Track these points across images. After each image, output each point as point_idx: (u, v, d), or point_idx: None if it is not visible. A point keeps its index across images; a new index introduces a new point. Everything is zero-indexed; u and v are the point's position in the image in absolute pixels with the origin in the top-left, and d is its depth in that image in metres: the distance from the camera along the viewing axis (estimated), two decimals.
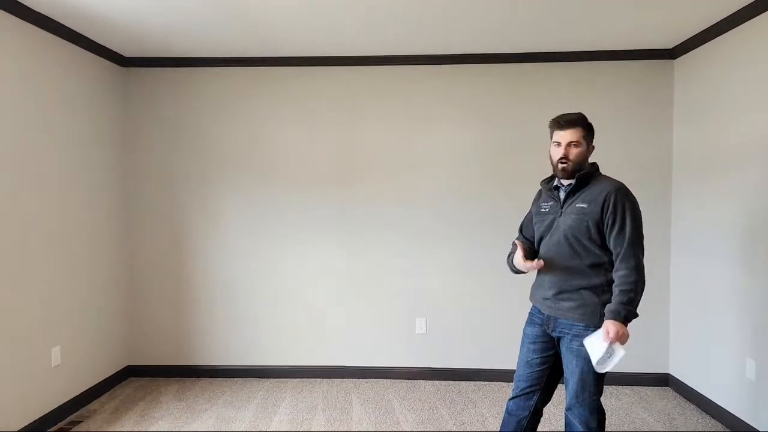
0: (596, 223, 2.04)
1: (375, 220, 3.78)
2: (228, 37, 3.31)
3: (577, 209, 2.09)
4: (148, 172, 3.84)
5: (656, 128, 3.62)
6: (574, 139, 2.09)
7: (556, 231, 2.14)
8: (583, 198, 2.10)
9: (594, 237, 2.05)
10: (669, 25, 3.13)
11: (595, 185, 2.10)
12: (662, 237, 3.63)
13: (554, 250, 2.15)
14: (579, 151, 2.10)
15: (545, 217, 2.23)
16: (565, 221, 2.12)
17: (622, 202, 2.02)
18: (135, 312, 3.88)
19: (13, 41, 2.80)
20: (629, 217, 2.01)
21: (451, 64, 3.70)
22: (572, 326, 2.09)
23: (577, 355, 2.07)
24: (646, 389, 3.61)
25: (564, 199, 2.16)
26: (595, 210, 2.04)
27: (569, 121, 2.11)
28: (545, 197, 2.29)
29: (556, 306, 2.13)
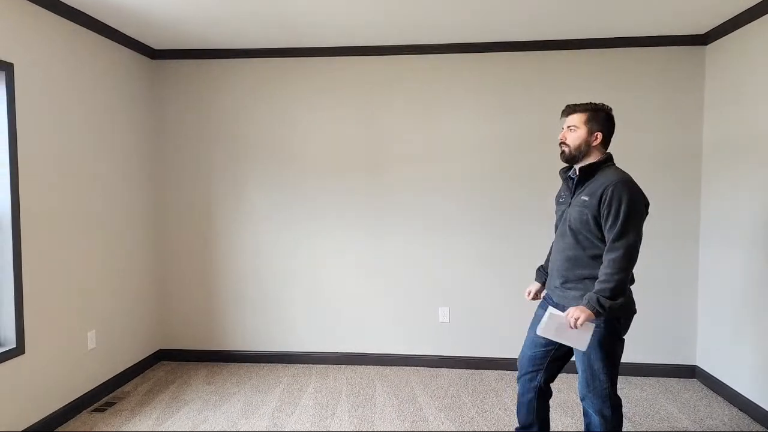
0: (594, 215, 2.05)
1: (400, 208, 3.81)
2: (255, 28, 3.36)
3: (581, 201, 2.11)
4: (179, 162, 3.93)
5: (686, 116, 3.55)
6: (573, 123, 2.13)
7: (565, 221, 2.19)
8: (587, 190, 2.11)
9: (593, 229, 2.07)
10: (701, 11, 3.06)
11: (600, 178, 2.10)
12: (691, 227, 3.58)
13: (561, 240, 2.21)
14: (576, 135, 2.12)
15: (560, 207, 2.29)
16: (571, 213, 2.16)
17: (618, 195, 1.99)
18: (166, 298, 4.00)
19: (54, 37, 2.90)
20: (623, 211, 1.98)
21: (476, 52, 3.68)
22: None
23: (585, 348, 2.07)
24: (672, 381, 3.58)
25: (573, 190, 2.19)
26: (594, 203, 2.05)
27: (570, 106, 2.16)
28: (563, 187, 2.32)
29: (563, 295, 2.18)
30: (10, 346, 2.67)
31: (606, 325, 2.07)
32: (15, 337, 2.68)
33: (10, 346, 2.67)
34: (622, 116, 3.56)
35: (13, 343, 2.67)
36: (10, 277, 2.65)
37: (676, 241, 3.59)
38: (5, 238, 2.65)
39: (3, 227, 2.64)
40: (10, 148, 2.62)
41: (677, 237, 3.59)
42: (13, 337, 2.68)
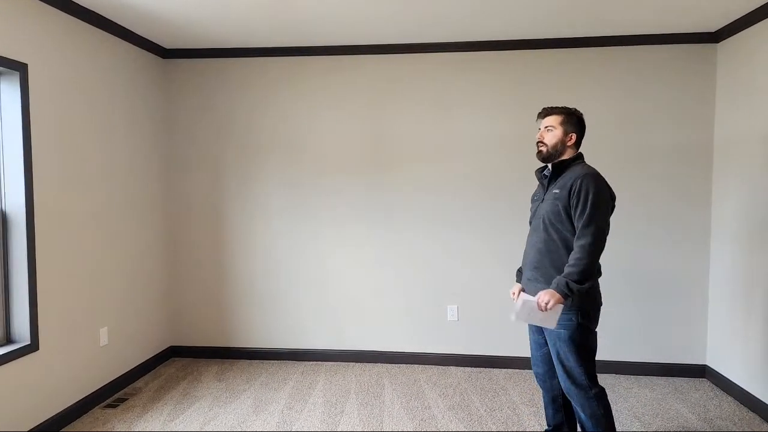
0: (565, 206, 2.16)
1: (408, 206, 3.82)
2: (265, 28, 3.37)
3: (553, 195, 2.22)
4: (189, 159, 3.96)
5: (697, 114, 3.53)
6: (549, 124, 2.27)
7: (537, 216, 2.31)
8: (558, 184, 2.23)
9: (564, 220, 2.17)
10: (712, 8, 3.04)
11: (570, 173, 2.21)
12: (702, 224, 3.56)
13: (534, 234, 2.32)
14: (552, 134, 2.25)
15: (534, 203, 2.41)
16: (543, 207, 2.27)
17: (586, 186, 2.10)
18: (177, 295, 4.03)
19: (67, 38, 2.93)
20: (590, 200, 2.08)
21: (483, 50, 3.67)
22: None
23: (556, 339, 2.19)
24: (682, 380, 3.56)
25: (546, 186, 2.31)
26: (564, 194, 2.16)
27: (546, 109, 2.32)
28: (538, 186, 2.45)
29: (535, 288, 2.24)
30: (24, 342, 2.71)
31: (576, 321, 2.14)
32: (29, 334, 2.71)
33: (25, 342, 2.71)
34: (635, 113, 3.56)
35: (27, 340, 2.71)
36: (24, 275, 2.69)
37: (687, 240, 3.57)
38: (19, 235, 2.68)
39: (17, 225, 2.68)
40: (24, 146, 2.66)
41: (688, 235, 3.57)
42: (27, 333, 2.72)
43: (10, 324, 2.72)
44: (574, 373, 2.17)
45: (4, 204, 2.68)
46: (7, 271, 2.70)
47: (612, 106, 3.59)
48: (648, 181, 3.57)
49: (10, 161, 2.65)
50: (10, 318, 2.72)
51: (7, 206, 2.68)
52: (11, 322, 2.72)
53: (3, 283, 2.69)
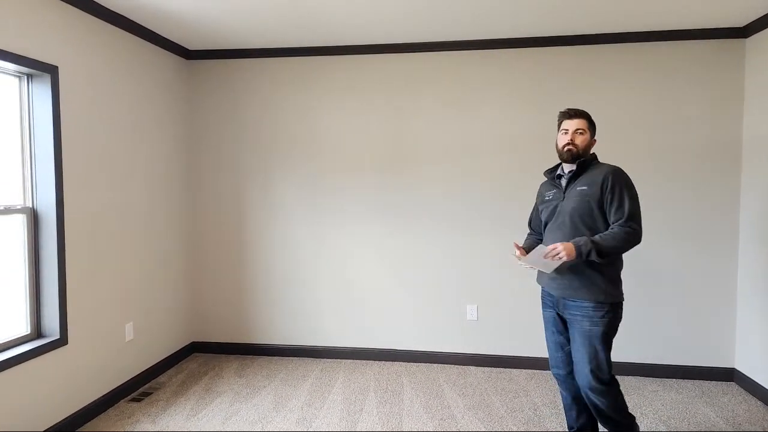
0: (597, 201, 2.20)
1: (429, 205, 3.81)
2: (285, 28, 3.41)
3: (579, 192, 2.25)
4: (212, 159, 4.03)
5: (726, 110, 3.44)
6: (580, 127, 2.30)
7: (560, 214, 2.31)
8: (584, 182, 2.27)
9: (596, 215, 2.21)
10: (740, 3, 2.96)
11: (594, 170, 2.28)
12: (730, 224, 3.46)
13: (560, 232, 2.29)
14: (583, 137, 2.30)
15: (549, 204, 2.41)
16: (568, 204, 2.28)
17: (619, 182, 2.18)
18: (199, 291, 4.11)
19: (95, 40, 3.01)
20: (627, 195, 2.17)
21: (502, 48, 3.65)
22: (581, 306, 2.22)
23: (588, 336, 2.19)
24: (710, 383, 3.48)
25: (566, 186, 2.34)
26: (596, 190, 2.20)
27: (577, 112, 2.33)
28: (548, 187, 2.47)
29: (563, 287, 2.27)
30: (54, 337, 2.79)
31: (611, 316, 2.19)
32: (59, 329, 2.80)
33: (54, 337, 2.79)
34: (659, 111, 3.49)
35: (57, 335, 2.80)
36: (54, 271, 2.77)
37: (714, 240, 3.48)
38: (50, 233, 2.77)
39: (47, 223, 2.76)
40: (55, 147, 2.74)
41: (716, 235, 3.48)
42: (57, 328, 2.80)
43: (41, 319, 2.81)
44: (603, 369, 2.19)
45: (36, 202, 2.76)
46: (38, 268, 2.78)
47: (635, 105, 3.52)
48: (673, 181, 3.50)
49: (41, 161, 2.74)
50: (40, 313, 2.80)
51: (39, 205, 2.76)
52: (42, 317, 2.81)
53: (34, 279, 2.78)
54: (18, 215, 2.71)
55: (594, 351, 2.18)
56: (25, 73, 2.70)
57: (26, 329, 2.77)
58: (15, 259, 2.73)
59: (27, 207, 2.74)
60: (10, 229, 2.69)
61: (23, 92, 2.72)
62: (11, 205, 2.68)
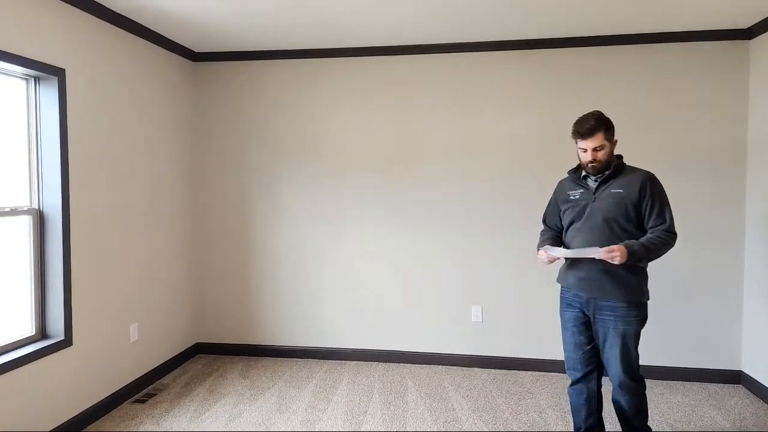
0: (634, 205, 2.24)
1: (432, 205, 3.81)
2: (292, 31, 3.43)
3: (613, 194, 2.27)
4: (217, 160, 4.05)
5: (730, 112, 3.43)
6: (598, 144, 2.27)
7: (591, 215, 2.31)
8: (618, 184, 2.28)
9: (631, 218, 2.25)
10: (744, 5, 2.96)
11: (629, 174, 2.31)
12: (736, 225, 3.45)
13: (591, 233, 2.29)
14: (604, 152, 2.28)
15: (576, 204, 2.38)
16: (600, 206, 2.28)
17: (658, 189, 2.27)
18: (203, 292, 4.12)
19: (101, 43, 3.03)
20: (665, 203, 2.26)
21: (503, 50, 3.66)
22: (614, 306, 2.24)
23: (622, 335, 2.23)
24: (717, 386, 3.45)
25: (597, 187, 2.33)
26: (633, 193, 2.23)
27: (589, 130, 2.26)
28: (571, 186, 2.45)
29: (594, 288, 2.27)
30: (58, 338, 2.80)
31: (641, 315, 2.26)
32: (63, 330, 2.81)
33: (59, 338, 2.80)
34: (664, 112, 3.49)
35: (61, 335, 2.80)
36: (59, 272, 2.78)
37: (721, 241, 3.46)
38: (55, 233, 2.78)
39: (53, 224, 2.77)
40: (62, 148, 2.75)
41: (721, 236, 3.46)
42: (61, 329, 2.81)
43: (46, 320, 2.82)
44: (634, 367, 2.26)
45: (42, 204, 2.78)
46: (43, 269, 2.80)
47: (639, 105, 3.52)
48: (678, 181, 3.48)
49: (47, 163, 2.75)
50: (45, 314, 2.81)
51: (45, 206, 2.77)
52: (46, 318, 2.82)
53: (39, 280, 2.79)
54: (24, 216, 2.72)
55: (627, 349, 2.23)
56: (32, 76, 2.71)
57: (31, 330, 2.78)
58: (21, 260, 2.74)
59: (33, 208, 2.76)
60: (16, 231, 2.70)
61: (30, 94, 2.74)
62: (18, 206, 2.69)
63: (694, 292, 3.50)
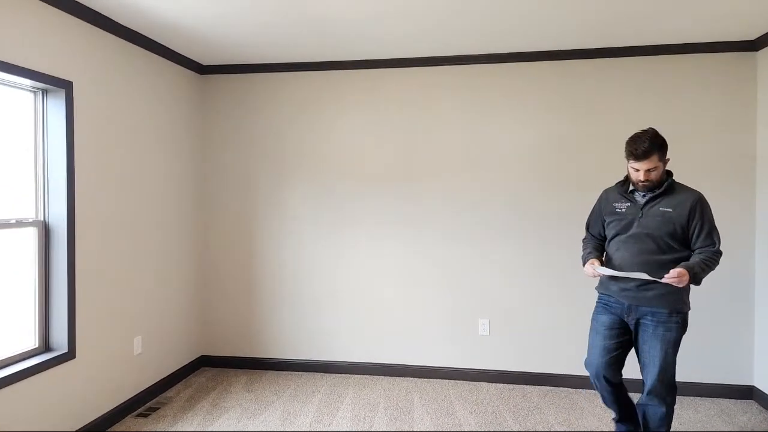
0: (682, 225, 2.32)
1: (438, 217, 3.79)
2: (299, 44, 3.44)
3: (662, 212, 2.34)
4: (223, 173, 4.05)
5: (739, 122, 3.41)
6: (652, 166, 2.30)
7: (638, 230, 2.38)
8: (667, 203, 2.34)
9: (679, 237, 2.33)
10: (749, 17, 2.95)
11: (679, 193, 2.37)
12: (746, 238, 3.41)
13: (636, 247, 2.38)
14: (657, 172, 2.33)
15: (622, 216, 2.45)
16: (647, 222, 2.36)
17: (707, 211, 2.34)
18: (208, 305, 4.10)
19: (109, 55, 3.05)
20: (713, 225, 2.34)
21: (517, 61, 3.65)
22: (656, 313, 2.33)
23: (661, 340, 2.32)
24: (728, 401, 3.39)
25: (645, 203, 2.39)
26: (683, 214, 2.31)
27: (645, 152, 2.28)
28: (617, 198, 2.50)
29: (639, 295, 2.35)
30: (61, 350, 2.78)
31: (682, 323, 2.35)
32: (66, 342, 2.79)
33: (62, 350, 2.78)
34: (673, 124, 3.47)
35: (64, 348, 2.78)
36: (64, 284, 2.77)
37: (730, 253, 3.40)
38: (60, 245, 2.77)
39: (59, 236, 2.77)
40: (68, 161, 2.76)
41: (732, 248, 3.40)
42: (65, 341, 2.79)
43: (49, 332, 2.80)
44: (671, 372, 2.34)
45: (48, 216, 2.77)
46: (47, 280, 2.78)
47: (649, 117, 3.50)
48: None
49: (54, 174, 2.75)
50: (49, 326, 2.80)
51: (50, 218, 2.77)
52: (50, 330, 2.80)
53: (44, 291, 2.78)
54: (30, 228, 2.72)
55: (666, 354, 2.32)
56: (40, 88, 2.73)
57: (34, 343, 2.76)
58: (25, 272, 2.73)
59: (39, 220, 2.75)
60: (21, 242, 2.70)
61: (38, 107, 2.75)
62: (23, 218, 2.69)
63: (705, 307, 3.44)
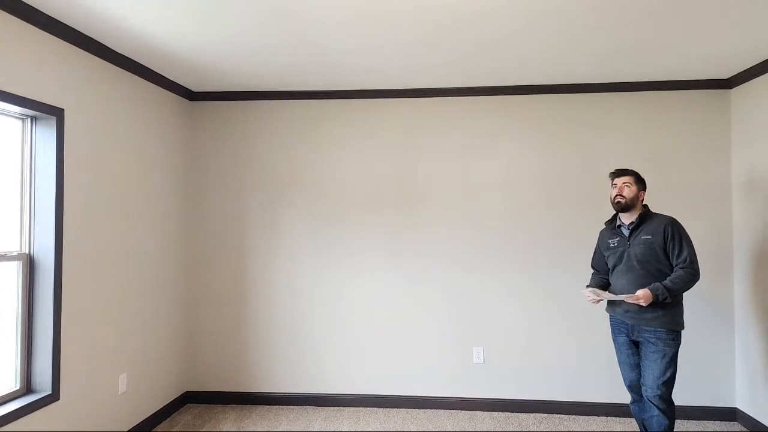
0: (662, 248, 2.66)
1: (432, 246, 3.80)
2: (292, 73, 3.43)
3: (644, 240, 2.69)
4: (213, 201, 3.95)
5: (715, 156, 3.60)
6: (626, 181, 2.76)
7: (629, 259, 2.73)
8: (646, 231, 2.70)
9: (662, 259, 2.66)
10: (724, 59, 3.17)
11: (653, 221, 2.73)
12: (724, 263, 3.57)
13: (630, 273, 2.72)
14: (630, 190, 2.73)
15: (615, 250, 2.81)
16: (635, 251, 2.71)
17: (678, 231, 2.67)
18: (194, 338, 3.94)
19: (100, 81, 2.96)
20: (685, 242, 2.65)
21: (509, 95, 3.76)
22: (655, 331, 2.64)
23: (661, 356, 2.61)
24: (713, 424, 3.50)
25: (629, 235, 2.75)
26: (659, 239, 2.66)
27: (622, 170, 2.82)
28: (609, 235, 2.88)
29: (639, 317, 2.68)
30: (45, 392, 2.61)
31: (676, 340, 2.63)
32: (51, 383, 2.62)
33: (46, 392, 2.61)
34: (651, 157, 3.63)
35: (48, 389, 2.62)
36: (49, 321, 2.62)
37: (710, 278, 3.56)
38: (46, 280, 2.62)
39: (44, 270, 2.62)
40: (57, 191, 2.63)
41: (711, 273, 3.56)
42: (48, 382, 2.62)
43: (32, 372, 2.63)
44: (669, 383, 2.61)
45: (33, 249, 2.62)
46: (31, 317, 2.62)
47: (632, 148, 3.66)
48: None
49: (41, 205, 2.62)
50: (32, 366, 2.62)
51: (36, 251, 2.62)
52: (33, 370, 2.63)
53: (27, 329, 2.61)
54: (14, 262, 2.56)
55: (663, 367, 2.60)
56: (29, 116, 2.61)
57: (15, 384, 2.58)
58: (7, 309, 2.56)
59: (23, 253, 2.60)
60: (4, 277, 2.53)
61: (26, 134, 2.62)
62: (7, 251, 2.54)
63: (687, 332, 3.56)
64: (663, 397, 2.61)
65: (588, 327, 3.66)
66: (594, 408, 3.63)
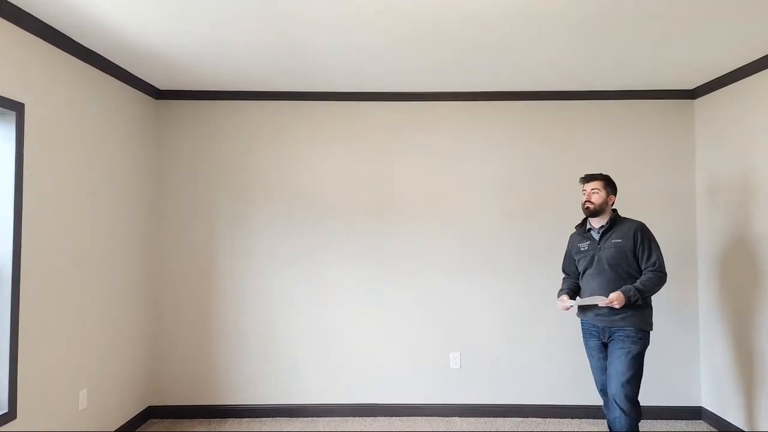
0: (632, 251, 2.74)
1: (407, 252, 3.77)
2: (264, 72, 3.32)
3: (614, 244, 2.76)
4: (180, 204, 3.77)
5: (679, 163, 3.75)
6: (594, 187, 2.80)
7: (600, 263, 2.78)
8: (616, 235, 2.77)
9: (631, 262, 2.74)
10: (689, 70, 3.31)
11: (623, 225, 2.80)
12: (689, 268, 3.71)
13: (600, 276, 2.77)
14: (598, 196, 2.79)
15: (586, 254, 2.85)
16: (605, 254, 2.77)
17: (647, 235, 2.76)
18: (158, 350, 3.74)
19: (62, 75, 2.77)
20: (653, 246, 2.75)
21: (481, 100, 3.79)
22: (624, 330, 2.69)
23: (626, 354, 2.66)
24: (680, 423, 3.62)
25: (599, 238, 2.80)
26: (629, 243, 2.74)
27: (590, 176, 2.86)
28: (579, 239, 2.93)
29: (609, 318, 2.72)
30: (2, 410, 2.40)
31: (644, 339, 2.69)
32: (8, 401, 2.41)
33: (2, 410, 2.41)
34: (620, 163, 3.74)
35: (5, 408, 2.41)
36: (6, 335, 2.41)
37: (676, 282, 3.68)
38: (3, 291, 2.41)
39: (2, 282, 2.41)
40: (16, 193, 2.43)
41: (676, 277, 3.67)
42: (5, 400, 2.42)
43: None
44: (633, 383, 2.65)
45: None
46: None
47: (602, 154, 3.76)
48: None
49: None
50: None
51: None
52: None
53: None
54: None
55: (628, 365, 2.64)
56: None
57: None
58: None
59: None
60: None
61: None
62: None
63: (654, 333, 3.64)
64: (627, 395, 2.64)
65: (562, 331, 3.72)
66: (568, 411, 3.68)
